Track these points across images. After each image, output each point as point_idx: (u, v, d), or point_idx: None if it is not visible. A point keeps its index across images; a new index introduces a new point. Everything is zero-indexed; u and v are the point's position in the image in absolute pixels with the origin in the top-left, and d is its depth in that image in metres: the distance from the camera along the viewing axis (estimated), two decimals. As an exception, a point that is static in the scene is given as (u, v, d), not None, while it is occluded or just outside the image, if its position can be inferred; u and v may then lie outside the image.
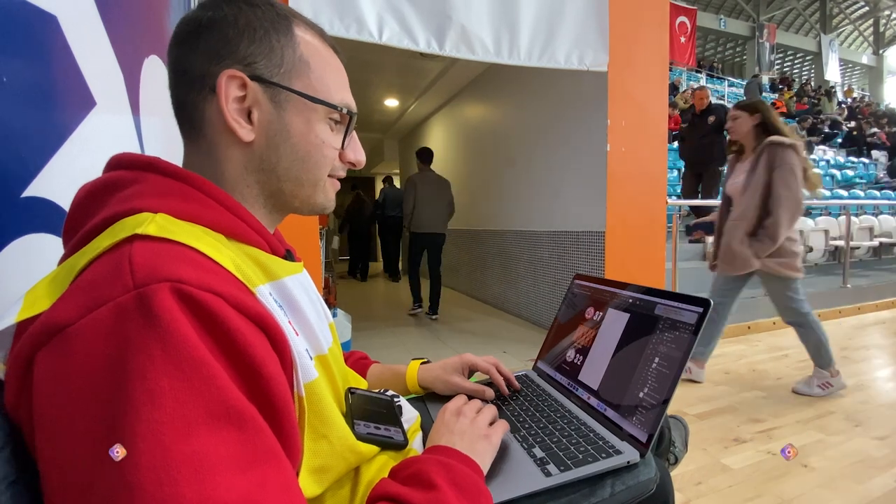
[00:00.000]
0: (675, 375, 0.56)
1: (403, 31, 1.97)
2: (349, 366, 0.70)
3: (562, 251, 3.18)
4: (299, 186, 0.48)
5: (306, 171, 0.47)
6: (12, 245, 0.49)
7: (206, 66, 0.42)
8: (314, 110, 0.46)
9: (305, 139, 0.46)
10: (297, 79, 0.45)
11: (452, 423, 0.55)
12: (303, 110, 0.46)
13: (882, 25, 17.21)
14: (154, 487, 0.26)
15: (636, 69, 2.61)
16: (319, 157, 0.47)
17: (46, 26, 0.54)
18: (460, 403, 0.60)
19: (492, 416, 0.59)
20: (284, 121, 0.45)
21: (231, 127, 0.43)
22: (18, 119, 0.50)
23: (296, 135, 0.46)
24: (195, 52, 0.43)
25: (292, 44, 0.45)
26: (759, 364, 2.55)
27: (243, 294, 0.35)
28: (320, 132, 0.47)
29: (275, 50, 0.44)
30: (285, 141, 0.45)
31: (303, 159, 0.47)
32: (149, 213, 0.36)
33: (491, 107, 4.45)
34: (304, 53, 0.46)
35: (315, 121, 0.46)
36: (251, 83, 0.43)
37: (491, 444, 0.53)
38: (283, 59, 0.44)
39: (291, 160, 0.46)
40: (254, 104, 0.44)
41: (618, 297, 0.74)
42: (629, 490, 0.53)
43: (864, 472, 1.44)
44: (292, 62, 0.45)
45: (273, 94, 0.44)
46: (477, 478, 0.46)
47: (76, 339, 0.29)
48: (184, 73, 0.44)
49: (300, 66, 0.45)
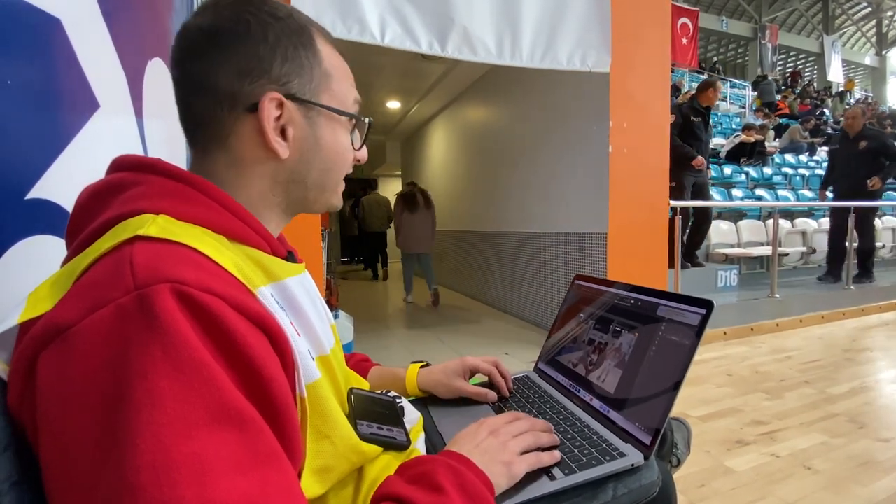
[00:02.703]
0: (679, 377, 0.56)
1: (405, 33, 1.98)
2: (350, 367, 0.70)
3: (564, 253, 3.18)
4: (322, 192, 0.50)
5: (331, 178, 0.50)
6: (16, 247, 0.49)
7: (237, 84, 0.42)
8: (338, 121, 0.48)
9: (333, 150, 0.49)
10: (324, 93, 0.47)
11: (481, 438, 0.52)
12: (330, 123, 0.48)
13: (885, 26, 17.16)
14: (154, 488, 0.26)
15: (638, 70, 2.61)
16: (343, 164, 0.50)
17: (50, 29, 0.54)
18: (502, 422, 0.55)
19: (529, 445, 0.52)
20: (317, 135, 0.47)
21: (273, 147, 0.44)
22: (22, 121, 0.50)
23: (325, 147, 0.48)
24: (221, 66, 0.42)
25: (318, 59, 0.46)
26: (762, 366, 2.54)
27: (244, 295, 0.35)
28: (344, 141, 0.49)
29: (304, 67, 0.45)
30: (317, 154, 0.47)
31: (330, 168, 0.49)
32: (150, 215, 0.36)
33: (493, 109, 4.45)
34: (326, 67, 0.47)
35: (340, 131, 0.49)
36: (287, 102, 0.44)
37: (510, 471, 0.48)
38: (312, 76, 0.46)
39: (320, 170, 0.48)
40: (289, 122, 0.45)
41: (619, 297, 0.74)
42: (632, 493, 0.52)
43: (868, 474, 1.43)
44: (319, 77, 0.46)
45: (305, 110, 0.46)
46: (485, 491, 0.44)
47: (78, 340, 0.29)
48: (204, 87, 0.43)
49: (325, 80, 0.47)
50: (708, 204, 3.63)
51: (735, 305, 3.40)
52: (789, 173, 6.50)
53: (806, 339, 3.10)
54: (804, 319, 3.46)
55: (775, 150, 7.09)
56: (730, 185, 5.53)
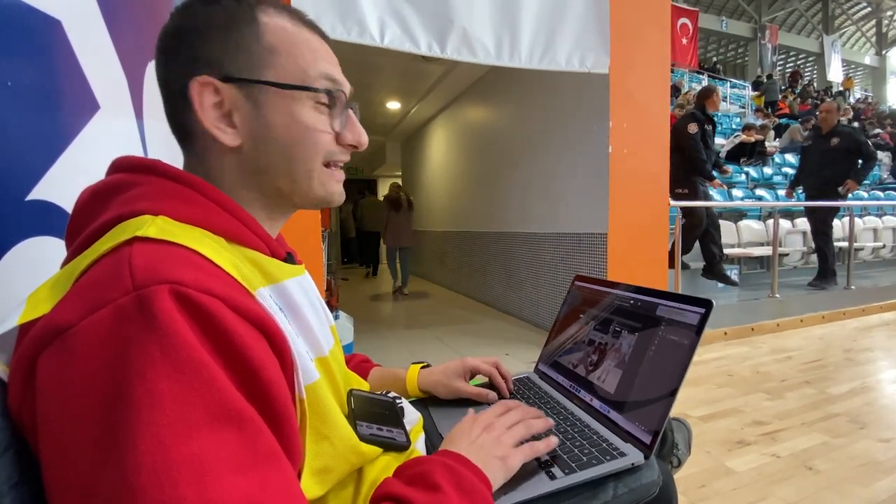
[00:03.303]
0: (679, 377, 0.56)
1: (405, 34, 1.98)
2: (351, 369, 0.70)
3: (564, 253, 3.18)
4: (294, 182, 0.46)
5: (296, 163, 0.45)
6: (17, 248, 0.49)
7: (181, 78, 0.42)
8: (292, 97, 0.44)
9: (290, 131, 0.44)
10: (268, 68, 0.43)
11: (475, 434, 0.52)
12: (280, 101, 0.43)
13: (885, 26, 17.17)
14: (155, 489, 0.26)
15: (638, 71, 2.61)
16: (308, 146, 0.45)
17: (51, 31, 0.55)
18: (493, 416, 0.56)
19: (522, 436, 0.53)
20: (265, 117, 0.43)
21: (213, 135, 0.42)
22: (23, 123, 0.50)
23: (278, 128, 0.44)
24: (170, 64, 0.43)
25: (256, 33, 0.43)
26: (763, 366, 2.53)
27: (243, 297, 0.35)
28: (304, 118, 0.44)
29: (239, 45, 0.42)
30: (271, 138, 0.44)
31: (292, 152, 0.44)
32: (149, 216, 0.36)
33: (493, 109, 4.45)
34: (270, 40, 0.43)
35: (296, 108, 0.44)
36: (223, 85, 0.42)
37: (506, 465, 0.49)
38: (249, 52, 0.42)
39: (280, 157, 0.44)
40: (233, 107, 0.43)
41: (619, 298, 0.74)
42: (632, 493, 0.52)
43: (869, 474, 1.43)
44: (259, 53, 0.43)
45: (248, 91, 0.43)
46: (483, 487, 0.45)
47: (77, 341, 0.29)
48: (166, 87, 0.44)
49: (268, 55, 0.43)
50: (708, 204, 3.59)
51: (735, 305, 3.40)
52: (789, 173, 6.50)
53: (807, 339, 3.10)
54: (805, 319, 3.46)
55: (775, 150, 7.09)
56: (730, 185, 5.53)
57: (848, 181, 3.77)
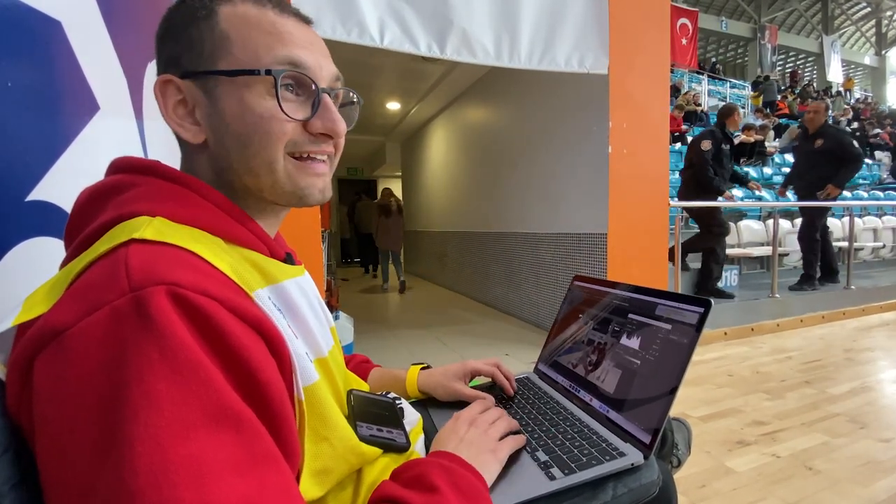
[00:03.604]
0: (678, 376, 0.56)
1: (404, 35, 1.98)
2: (350, 369, 0.70)
3: (564, 253, 3.18)
4: (256, 177, 0.43)
5: (253, 155, 0.42)
6: (17, 248, 0.49)
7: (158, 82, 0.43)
8: (244, 86, 0.41)
9: (241, 120, 0.41)
10: (221, 59, 0.41)
11: (463, 431, 0.55)
12: (232, 90, 0.41)
13: (884, 26, 17.17)
14: (153, 491, 0.26)
15: (637, 71, 2.61)
16: (262, 136, 0.42)
17: (51, 32, 0.55)
18: (476, 412, 0.59)
19: (505, 429, 0.57)
20: (219, 108, 0.42)
21: (176, 132, 0.43)
22: (23, 123, 0.50)
23: (231, 119, 0.42)
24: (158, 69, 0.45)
25: (211, 24, 0.41)
26: (763, 366, 2.53)
27: (240, 298, 0.35)
28: (257, 107, 0.41)
29: (194, 40, 0.42)
30: (226, 130, 0.42)
31: (245, 144, 0.42)
32: (146, 217, 0.36)
33: (493, 110, 4.45)
34: (223, 28, 0.41)
35: (248, 97, 0.41)
36: (182, 82, 0.42)
37: (496, 458, 0.52)
38: (202, 45, 0.41)
39: (238, 149, 0.42)
40: (195, 103, 0.43)
41: (618, 297, 0.74)
42: (631, 493, 0.52)
43: (869, 474, 1.43)
44: (212, 43, 0.41)
45: (203, 85, 0.42)
46: (479, 484, 0.46)
47: (74, 343, 0.29)
48: None
49: (221, 44, 0.41)
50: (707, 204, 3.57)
51: (735, 305, 3.40)
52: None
53: (807, 339, 3.10)
54: (805, 319, 3.46)
55: (775, 151, 7.10)
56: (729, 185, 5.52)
57: (829, 186, 3.63)
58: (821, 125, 3.72)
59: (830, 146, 3.62)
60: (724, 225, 3.53)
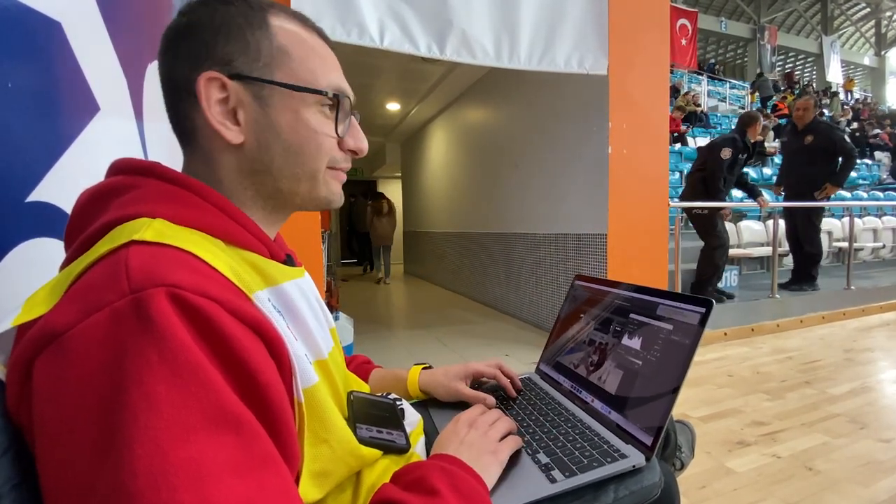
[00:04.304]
0: (679, 377, 0.56)
1: (404, 36, 1.98)
2: (351, 370, 0.70)
3: (564, 254, 3.18)
4: (297, 182, 0.46)
5: (301, 164, 0.46)
6: (17, 249, 0.49)
7: (187, 73, 0.42)
8: (301, 100, 0.44)
9: (295, 132, 0.45)
10: (278, 70, 0.44)
11: (463, 432, 0.55)
12: (289, 102, 0.44)
13: (884, 27, 17.18)
14: (152, 493, 0.26)
15: (637, 72, 2.62)
16: (314, 148, 0.46)
17: (51, 32, 0.55)
18: (475, 414, 0.59)
19: (505, 430, 0.57)
20: (271, 116, 0.44)
21: (217, 130, 0.42)
22: (23, 124, 0.50)
23: (285, 129, 0.44)
24: (177, 59, 0.43)
25: (268, 35, 0.44)
26: (763, 366, 2.53)
27: (240, 300, 0.35)
28: (311, 121, 0.45)
29: (250, 44, 0.43)
30: (275, 137, 0.44)
31: (296, 153, 0.45)
32: (147, 219, 0.36)
33: (492, 110, 4.46)
34: (282, 42, 0.44)
35: (303, 111, 0.45)
36: (231, 83, 0.42)
37: (497, 460, 0.52)
38: (259, 53, 0.43)
39: (284, 157, 0.45)
40: (238, 104, 0.43)
41: (619, 297, 0.74)
42: (633, 495, 0.52)
43: (869, 474, 1.43)
44: (270, 54, 0.43)
45: (255, 90, 0.43)
46: (479, 487, 0.45)
47: (73, 345, 0.29)
48: (170, 83, 0.44)
49: (279, 57, 0.44)
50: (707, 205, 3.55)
51: (735, 306, 3.40)
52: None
53: (807, 340, 3.10)
54: (805, 320, 3.46)
55: (775, 151, 7.09)
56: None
57: (827, 185, 3.54)
58: (810, 121, 3.64)
59: (821, 142, 3.53)
60: (721, 237, 3.43)
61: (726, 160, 3.25)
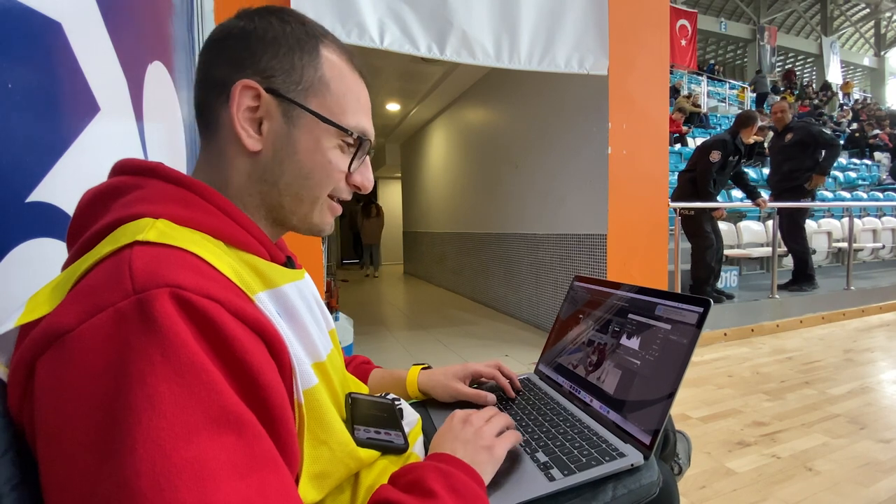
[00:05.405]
0: (677, 376, 0.56)
1: (404, 36, 1.98)
2: (351, 371, 0.70)
3: (564, 254, 3.18)
4: (298, 203, 0.48)
5: (307, 188, 0.47)
6: (17, 250, 0.49)
7: (227, 73, 0.44)
8: (326, 131, 0.46)
9: (311, 157, 0.46)
10: (314, 98, 0.46)
11: (458, 430, 0.55)
12: (314, 129, 0.46)
13: (883, 27, 17.20)
14: (155, 493, 0.26)
15: (637, 72, 2.62)
16: (323, 176, 0.48)
17: (51, 33, 0.55)
18: (471, 411, 0.59)
19: (501, 426, 0.57)
20: (293, 136, 0.45)
21: (238, 134, 0.44)
22: (23, 124, 0.50)
23: (302, 151, 0.46)
24: (220, 57, 0.45)
25: (315, 63, 0.46)
26: (763, 367, 2.54)
27: (242, 301, 0.35)
28: (329, 152, 0.47)
29: (295, 67, 0.45)
30: (291, 156, 0.46)
31: (305, 176, 0.47)
32: (150, 219, 0.36)
33: (492, 110, 4.46)
34: (325, 74, 0.46)
35: (325, 140, 0.47)
36: (265, 95, 0.44)
37: (493, 455, 0.52)
38: (302, 77, 0.45)
39: (294, 176, 0.46)
40: (266, 116, 0.45)
41: (618, 298, 0.74)
42: (631, 494, 0.52)
43: (869, 475, 1.43)
44: (311, 81, 0.46)
45: (286, 109, 0.45)
46: (476, 486, 0.45)
47: (76, 345, 0.29)
48: (207, 77, 0.45)
49: (319, 87, 0.46)
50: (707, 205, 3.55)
51: (735, 306, 3.40)
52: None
53: (806, 340, 3.10)
54: (804, 320, 3.46)
55: (774, 151, 7.08)
56: (729, 186, 5.52)
57: (814, 175, 3.63)
58: (788, 122, 3.81)
59: (801, 137, 3.66)
60: (709, 238, 3.43)
61: (715, 163, 3.26)
